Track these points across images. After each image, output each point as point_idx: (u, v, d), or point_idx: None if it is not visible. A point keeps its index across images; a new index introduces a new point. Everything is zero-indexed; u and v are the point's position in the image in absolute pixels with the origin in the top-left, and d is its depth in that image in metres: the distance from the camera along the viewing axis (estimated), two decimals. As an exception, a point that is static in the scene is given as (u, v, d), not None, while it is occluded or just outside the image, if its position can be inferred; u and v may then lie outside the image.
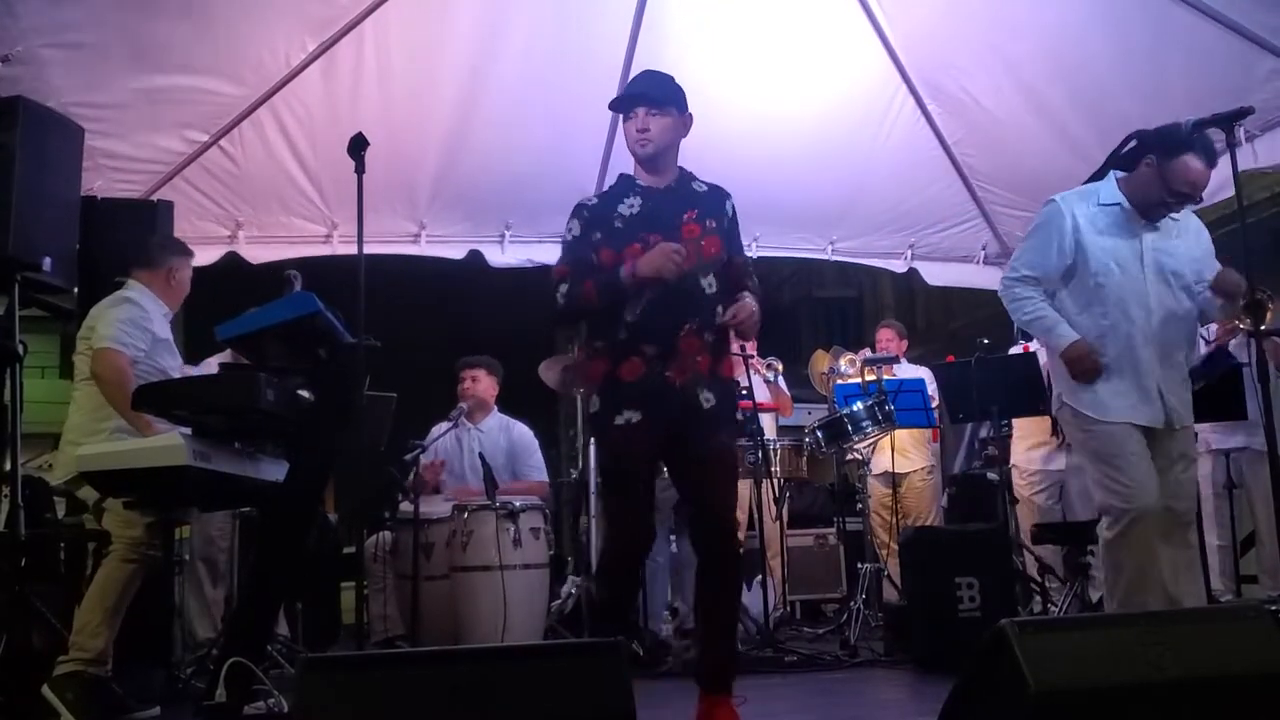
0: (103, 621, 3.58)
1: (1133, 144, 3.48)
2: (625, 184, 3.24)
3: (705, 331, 3.10)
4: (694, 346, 3.07)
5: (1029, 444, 5.69)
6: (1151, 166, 3.36)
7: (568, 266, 3.17)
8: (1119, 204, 3.42)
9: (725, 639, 3.12)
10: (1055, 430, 5.20)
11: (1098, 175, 3.54)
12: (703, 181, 3.28)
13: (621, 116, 3.23)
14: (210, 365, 4.86)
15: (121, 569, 3.64)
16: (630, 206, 3.16)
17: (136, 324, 3.88)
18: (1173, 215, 3.46)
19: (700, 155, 3.40)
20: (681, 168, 3.28)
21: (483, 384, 5.45)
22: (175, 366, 4.06)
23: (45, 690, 3.44)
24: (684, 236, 3.10)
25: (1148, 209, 3.41)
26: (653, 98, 3.14)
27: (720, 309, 3.12)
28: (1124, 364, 3.37)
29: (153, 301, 4.03)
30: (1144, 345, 3.36)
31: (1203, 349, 4.52)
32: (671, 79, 3.22)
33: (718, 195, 3.26)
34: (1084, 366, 3.36)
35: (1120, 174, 3.48)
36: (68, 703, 3.42)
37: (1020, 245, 3.61)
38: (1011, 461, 5.66)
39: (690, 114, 3.21)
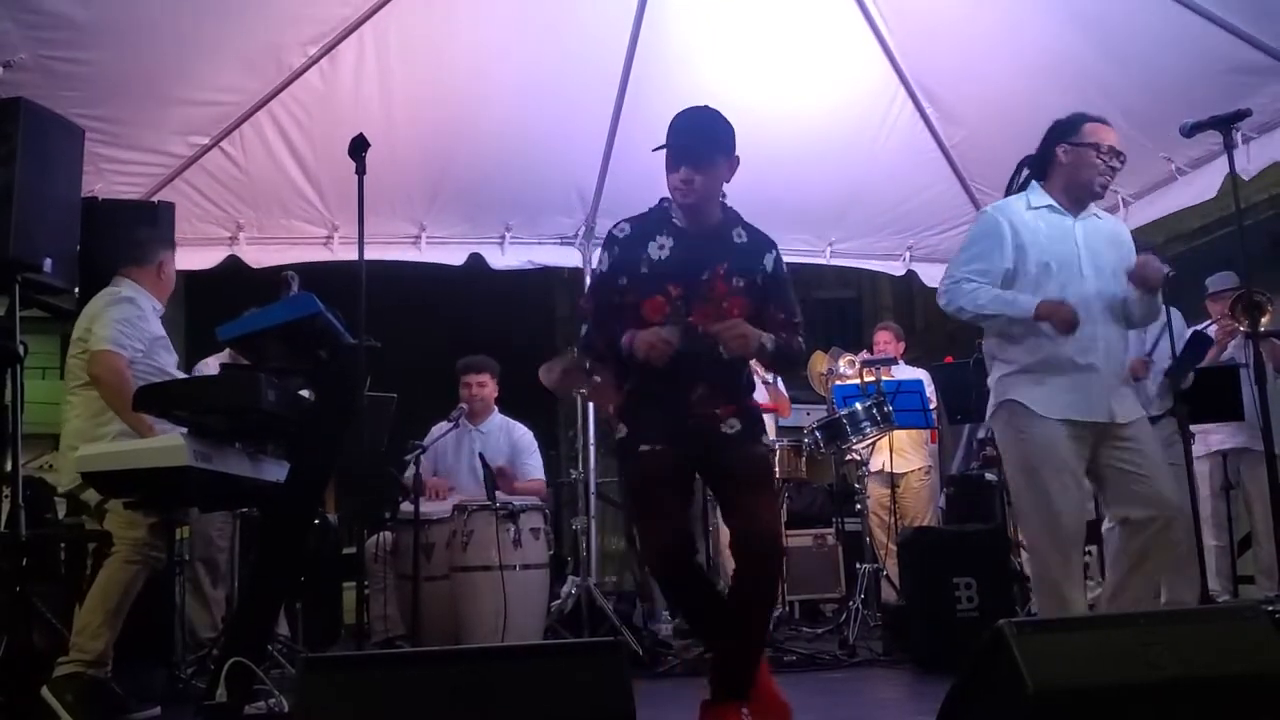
0: (104, 623, 3.56)
1: (1026, 172, 3.46)
2: (660, 217, 3.05)
3: (719, 393, 3.02)
4: (709, 402, 3.01)
5: None
6: (1069, 151, 3.32)
7: (592, 306, 3.11)
8: (1049, 204, 3.37)
9: (751, 648, 2.96)
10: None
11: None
12: (745, 228, 3.09)
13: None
14: (210, 365, 4.87)
15: (125, 570, 3.62)
16: (661, 249, 2.99)
17: (133, 324, 3.86)
18: (1096, 214, 3.41)
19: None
20: (727, 207, 3.09)
21: (488, 388, 5.49)
22: (173, 363, 4.04)
23: (44, 692, 3.42)
24: (708, 293, 2.97)
25: (1082, 193, 3.35)
26: (698, 154, 2.92)
27: (751, 374, 3.14)
28: (1064, 361, 3.24)
29: (147, 299, 4.01)
30: (1086, 340, 3.24)
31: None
32: (719, 120, 2.98)
33: (758, 247, 3.07)
34: (1064, 315, 3.18)
35: (1039, 184, 3.42)
36: (67, 704, 3.40)
37: (957, 255, 3.47)
38: None
39: (737, 156, 3.00)
